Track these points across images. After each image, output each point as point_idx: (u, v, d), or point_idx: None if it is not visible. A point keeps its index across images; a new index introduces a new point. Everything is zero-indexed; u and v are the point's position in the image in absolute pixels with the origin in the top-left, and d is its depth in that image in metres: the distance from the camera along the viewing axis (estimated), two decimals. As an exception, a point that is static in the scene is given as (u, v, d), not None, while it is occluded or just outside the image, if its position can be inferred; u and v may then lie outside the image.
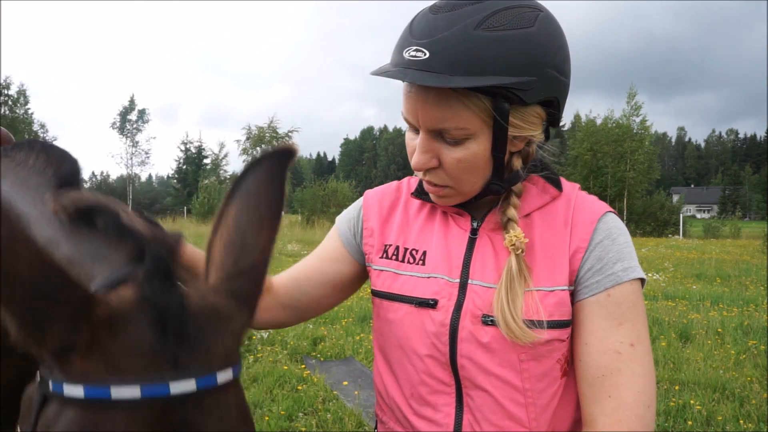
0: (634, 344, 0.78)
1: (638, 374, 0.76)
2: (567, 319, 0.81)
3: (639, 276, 0.81)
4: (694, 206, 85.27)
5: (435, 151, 0.80)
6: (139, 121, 52.70)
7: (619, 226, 0.85)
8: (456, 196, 0.85)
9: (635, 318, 0.79)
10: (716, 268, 12.37)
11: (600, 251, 0.81)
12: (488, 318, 0.81)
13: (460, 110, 0.76)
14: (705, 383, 4.46)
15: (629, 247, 0.84)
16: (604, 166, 35.38)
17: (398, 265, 0.92)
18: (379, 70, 0.80)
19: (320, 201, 33.27)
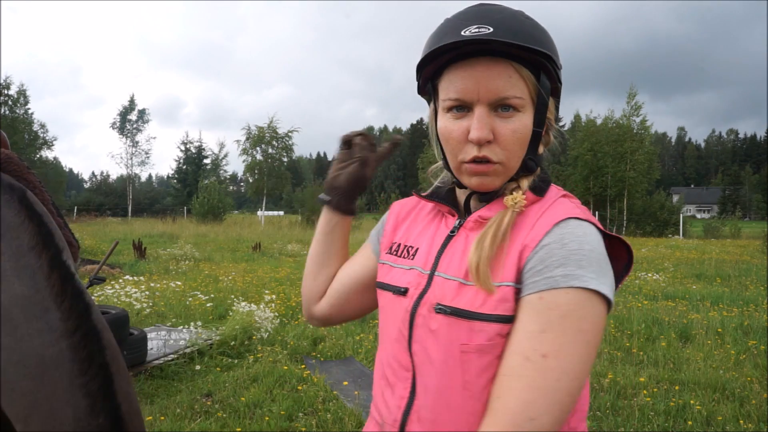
0: (547, 356, 0.73)
1: (535, 387, 0.72)
2: (510, 314, 0.79)
3: (583, 286, 0.74)
4: (694, 206, 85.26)
5: (491, 125, 0.85)
6: (139, 121, 52.66)
7: (576, 233, 0.79)
8: (502, 174, 0.89)
9: (563, 330, 0.73)
10: (716, 268, 12.37)
11: (545, 253, 0.78)
12: (439, 306, 0.85)
13: (518, 81, 0.85)
14: (705, 383, 4.46)
15: (582, 255, 0.76)
16: (604, 166, 35.37)
17: (395, 259, 1.00)
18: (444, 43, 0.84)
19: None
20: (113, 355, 0.76)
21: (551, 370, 0.72)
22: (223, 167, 55.05)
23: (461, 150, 0.87)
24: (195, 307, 6.95)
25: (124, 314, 4.48)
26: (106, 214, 46.53)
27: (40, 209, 0.80)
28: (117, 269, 10.56)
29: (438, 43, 0.85)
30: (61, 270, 0.75)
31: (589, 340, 0.74)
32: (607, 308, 0.76)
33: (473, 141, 0.85)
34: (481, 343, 0.80)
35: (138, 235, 18.88)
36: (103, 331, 0.77)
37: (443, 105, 0.89)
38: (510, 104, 0.84)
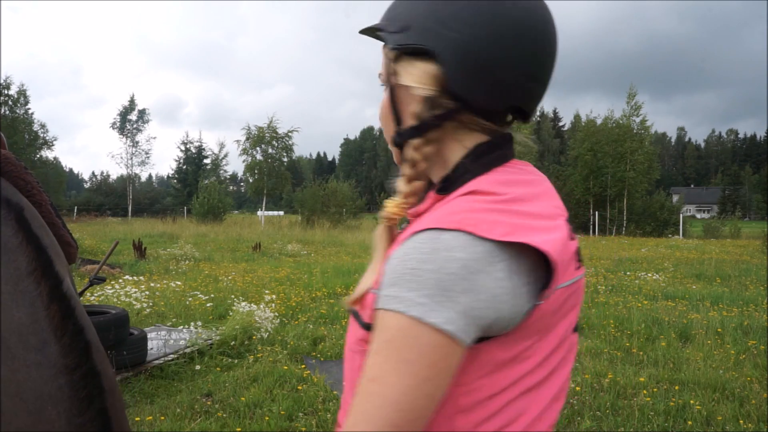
0: (373, 381, 0.66)
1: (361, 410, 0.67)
2: (368, 322, 0.74)
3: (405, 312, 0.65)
4: (694, 206, 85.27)
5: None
6: (139, 121, 52.67)
7: (423, 249, 0.67)
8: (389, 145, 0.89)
9: (387, 356, 0.66)
10: (716, 268, 12.37)
11: (388, 267, 0.69)
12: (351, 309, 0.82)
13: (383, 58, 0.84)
14: (705, 383, 4.46)
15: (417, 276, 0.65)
16: (604, 166, 35.38)
17: None
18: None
19: (320, 201, 33.26)
20: (113, 400, 0.75)
21: (374, 395, 0.66)
22: (223, 167, 55.07)
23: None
24: (195, 307, 6.96)
25: (124, 314, 4.49)
26: (106, 214, 46.56)
27: (38, 229, 0.79)
28: (117, 269, 10.56)
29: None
30: (61, 303, 0.74)
31: (416, 372, 0.64)
32: (447, 339, 0.64)
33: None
34: (357, 346, 0.78)
35: (138, 235, 18.89)
36: (104, 372, 0.75)
37: None
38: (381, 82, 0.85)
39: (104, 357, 0.78)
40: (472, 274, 0.65)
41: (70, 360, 0.71)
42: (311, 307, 7.39)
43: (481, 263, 0.65)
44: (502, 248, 0.66)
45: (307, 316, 6.90)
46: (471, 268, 0.65)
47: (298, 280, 9.76)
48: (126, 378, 4.32)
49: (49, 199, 0.95)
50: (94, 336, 0.77)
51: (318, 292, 8.55)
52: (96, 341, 0.77)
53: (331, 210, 32.49)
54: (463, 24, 0.75)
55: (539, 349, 0.72)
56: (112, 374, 0.78)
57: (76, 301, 0.78)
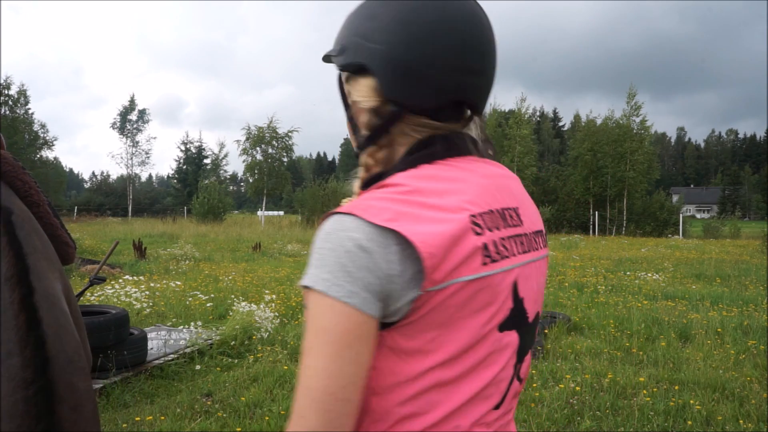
0: (304, 356, 0.72)
1: (301, 386, 0.72)
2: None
3: (311, 285, 0.72)
4: (693, 206, 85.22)
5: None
6: (140, 121, 52.67)
7: (326, 230, 0.74)
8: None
9: (311, 329, 0.72)
10: (716, 268, 12.37)
11: (312, 250, 0.77)
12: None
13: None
14: (705, 383, 4.46)
15: (321, 254, 0.73)
16: (604, 166, 35.37)
17: None
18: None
19: (320, 201, 33.24)
20: (75, 417, 0.73)
21: (307, 369, 0.72)
22: (223, 167, 55.06)
23: None
24: (195, 307, 6.96)
25: (124, 314, 4.49)
26: (107, 214, 46.56)
27: (24, 235, 0.78)
28: (117, 269, 10.56)
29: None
30: (28, 313, 0.73)
31: (333, 341, 0.70)
32: (353, 310, 0.70)
33: None
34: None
35: (138, 235, 18.89)
36: (65, 387, 0.73)
37: None
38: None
39: (74, 370, 0.75)
40: (367, 253, 0.70)
41: (28, 374, 0.71)
42: (311, 307, 7.39)
43: (375, 244, 0.71)
44: (395, 234, 0.71)
45: (307, 316, 6.89)
46: (366, 248, 0.71)
47: (298, 280, 9.75)
48: (126, 378, 4.32)
49: (47, 200, 0.95)
50: (60, 349, 0.75)
51: (318, 292, 8.54)
52: (62, 355, 0.75)
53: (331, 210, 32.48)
54: (383, 34, 0.81)
55: (445, 343, 0.74)
56: (83, 388, 0.76)
57: (46, 311, 0.76)
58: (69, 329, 0.79)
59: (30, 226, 0.83)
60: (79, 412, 0.76)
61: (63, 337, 0.77)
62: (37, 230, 0.85)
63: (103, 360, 4.22)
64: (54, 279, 0.81)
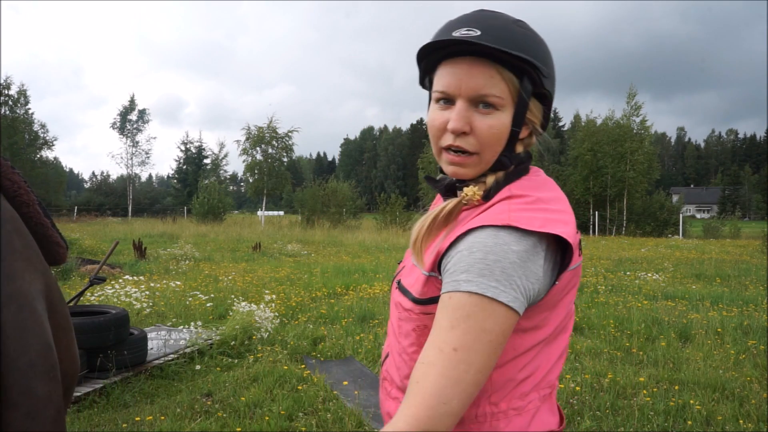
0: (457, 350, 0.81)
1: (446, 375, 0.81)
2: (418, 297, 0.95)
3: (481, 293, 0.81)
4: (693, 206, 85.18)
5: (469, 119, 0.93)
6: (140, 121, 52.65)
7: (486, 243, 0.84)
8: (476, 165, 0.95)
9: (467, 329, 0.82)
10: (716, 268, 12.37)
11: (457, 258, 0.87)
12: (398, 282, 1.04)
13: (499, 81, 0.91)
14: (705, 383, 4.46)
15: (485, 265, 0.83)
16: (604, 166, 35.35)
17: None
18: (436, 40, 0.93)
19: (320, 201, 33.23)
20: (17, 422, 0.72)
21: (460, 362, 0.81)
22: (223, 167, 55.04)
23: (440, 137, 0.96)
24: (195, 307, 6.96)
25: (124, 314, 4.49)
26: (107, 214, 46.51)
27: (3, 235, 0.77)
28: (117, 269, 10.56)
29: (430, 40, 0.94)
30: None
31: (492, 340, 0.82)
32: (512, 313, 0.83)
33: (450, 130, 0.93)
34: (405, 315, 0.99)
35: (138, 235, 18.89)
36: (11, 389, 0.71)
37: (433, 96, 0.98)
38: (489, 102, 0.92)
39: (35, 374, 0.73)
40: (525, 263, 0.84)
41: None
42: (311, 307, 7.39)
43: (530, 253, 0.85)
44: (541, 238, 0.86)
45: (307, 316, 6.90)
46: (524, 258, 0.84)
47: (298, 280, 9.77)
48: (126, 378, 4.32)
49: (37, 199, 0.94)
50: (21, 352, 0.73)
51: (318, 292, 8.55)
52: (23, 358, 0.73)
53: (331, 210, 32.46)
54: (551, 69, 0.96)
55: (551, 319, 0.92)
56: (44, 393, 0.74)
57: (11, 313, 0.74)
58: (37, 332, 0.77)
59: (12, 225, 0.82)
60: (35, 418, 0.74)
61: (28, 339, 0.75)
62: (20, 230, 0.84)
63: (103, 360, 4.22)
64: (31, 280, 0.80)
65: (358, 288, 8.98)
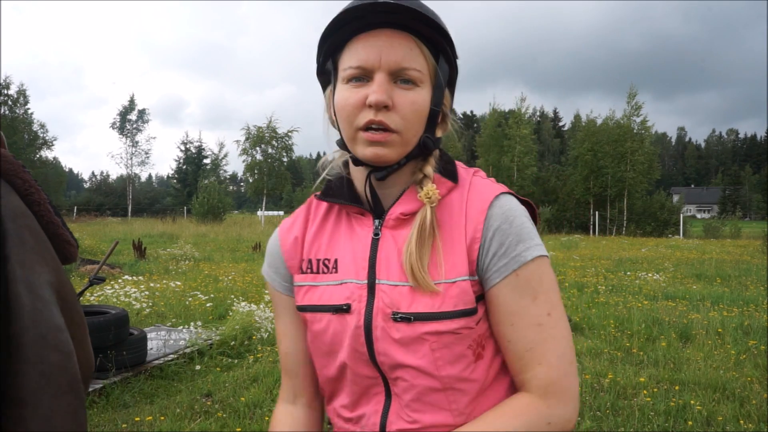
0: (550, 313, 0.85)
1: (558, 338, 0.85)
2: (471, 307, 0.85)
3: (540, 254, 0.86)
4: (694, 206, 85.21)
5: (390, 93, 0.85)
6: (139, 121, 52.67)
7: (513, 207, 0.87)
8: (398, 145, 0.86)
9: (546, 289, 0.85)
10: (716, 268, 12.36)
11: (501, 236, 0.85)
12: (398, 315, 0.85)
13: (418, 55, 0.86)
14: (705, 383, 4.46)
15: (527, 226, 0.87)
16: (604, 166, 35.33)
17: (314, 277, 0.95)
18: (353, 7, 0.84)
19: (320, 201, 33.19)
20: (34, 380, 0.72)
21: (559, 320, 0.86)
22: (223, 167, 55.08)
23: (357, 116, 0.85)
24: (195, 307, 6.95)
25: (124, 314, 4.48)
26: (106, 214, 46.53)
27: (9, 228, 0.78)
28: (117, 269, 10.55)
29: (343, 10, 0.85)
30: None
31: (555, 285, 0.88)
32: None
33: (371, 103, 0.83)
34: (450, 339, 0.84)
35: (138, 235, 18.88)
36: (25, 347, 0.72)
37: (343, 75, 0.87)
38: (409, 77, 0.85)
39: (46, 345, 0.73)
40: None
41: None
42: (311, 307, 7.38)
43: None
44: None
45: (307, 316, 6.89)
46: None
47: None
48: (126, 378, 4.31)
49: (47, 198, 0.95)
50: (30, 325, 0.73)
51: (318, 292, 8.54)
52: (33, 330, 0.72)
53: (331, 210, 32.45)
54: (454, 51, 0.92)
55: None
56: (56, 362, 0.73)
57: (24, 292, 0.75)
58: (46, 314, 0.78)
59: (24, 221, 0.83)
60: (48, 380, 0.74)
61: (36, 317, 0.76)
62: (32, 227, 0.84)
63: (102, 360, 4.21)
64: (41, 272, 0.80)
65: (358, 288, 8.96)
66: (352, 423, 0.94)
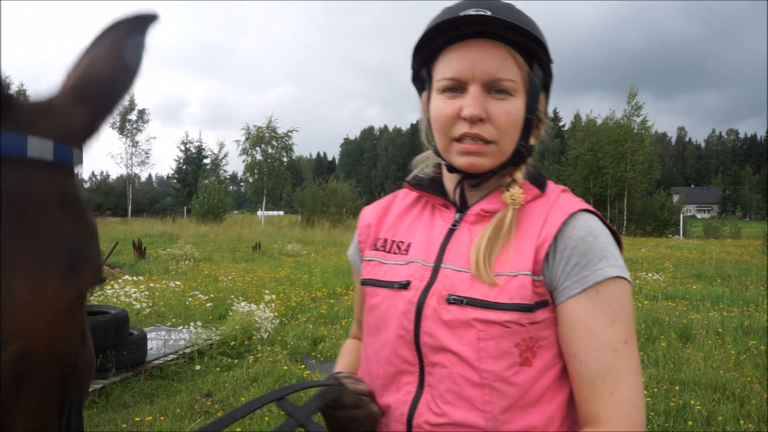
0: (627, 341, 0.81)
1: (633, 370, 0.81)
2: (528, 303, 0.83)
3: (624, 276, 0.83)
4: (694, 206, 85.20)
5: (484, 105, 0.86)
6: (139, 121, 52.66)
7: (600, 226, 0.87)
8: (494, 155, 0.89)
9: (625, 316, 0.82)
10: (716, 268, 12.36)
11: (584, 247, 0.83)
12: (452, 297, 0.85)
13: (512, 65, 0.87)
14: (705, 383, 4.46)
15: (613, 247, 0.86)
16: (604, 166, 35.33)
17: (384, 255, 0.98)
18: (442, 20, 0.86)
19: (320, 201, 33.24)
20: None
21: (634, 351, 0.82)
22: (223, 167, 55.12)
23: (452, 128, 0.87)
24: (195, 307, 6.95)
25: (124, 314, 4.48)
26: (106, 214, 46.50)
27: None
28: (117, 269, 10.55)
29: (436, 21, 0.86)
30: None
31: (634, 317, 0.84)
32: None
33: (466, 117, 0.85)
34: (499, 331, 0.82)
35: (138, 235, 18.87)
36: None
37: (437, 86, 0.89)
38: (503, 87, 0.86)
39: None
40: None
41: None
42: (311, 307, 7.39)
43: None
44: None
45: (307, 316, 6.89)
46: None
47: (298, 280, 9.76)
48: (126, 378, 4.31)
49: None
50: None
51: (318, 292, 8.54)
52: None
53: (331, 210, 32.48)
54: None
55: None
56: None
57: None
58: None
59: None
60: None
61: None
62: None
63: (102, 360, 4.21)
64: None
65: (358, 288, 8.96)
66: (385, 398, 0.93)
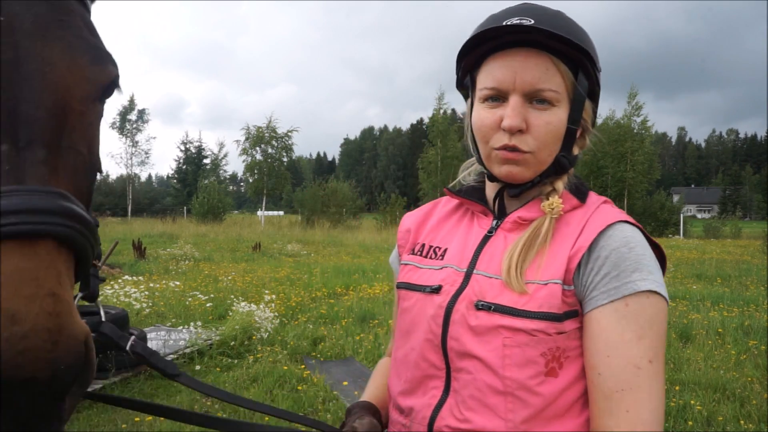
0: (652, 361, 0.78)
1: (654, 392, 0.77)
2: (556, 312, 0.82)
3: (658, 290, 0.79)
4: (694, 206, 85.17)
5: (524, 116, 0.86)
6: (139, 121, 52.65)
7: (638, 237, 0.84)
8: (532, 165, 0.88)
9: (654, 334, 0.79)
10: (717, 269, 12.36)
11: (617, 258, 0.81)
12: (480, 303, 0.85)
13: (555, 74, 0.85)
14: (705, 383, 4.45)
15: (649, 259, 0.82)
16: (604, 166, 35.33)
17: (421, 260, 0.99)
18: (485, 29, 0.86)
19: (320, 201, 33.25)
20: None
21: (659, 373, 0.78)
22: (223, 167, 55.12)
23: (492, 137, 0.88)
24: (195, 307, 6.95)
25: (124, 314, 4.48)
26: (106, 214, 46.51)
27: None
28: (117, 269, 10.55)
29: (479, 30, 0.87)
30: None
31: (665, 336, 0.81)
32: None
33: (505, 128, 0.85)
34: (525, 339, 0.81)
35: (138, 235, 18.86)
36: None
37: (479, 95, 0.90)
38: (545, 97, 0.85)
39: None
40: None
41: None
42: (311, 307, 7.39)
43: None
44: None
45: (307, 316, 6.89)
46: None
47: (298, 280, 9.76)
48: (125, 378, 4.31)
49: None
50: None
51: (318, 292, 8.54)
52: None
53: (331, 210, 32.48)
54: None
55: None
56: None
57: None
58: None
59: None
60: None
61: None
62: None
63: (102, 360, 4.21)
64: None
65: (358, 288, 8.96)
66: (403, 415, 0.94)
